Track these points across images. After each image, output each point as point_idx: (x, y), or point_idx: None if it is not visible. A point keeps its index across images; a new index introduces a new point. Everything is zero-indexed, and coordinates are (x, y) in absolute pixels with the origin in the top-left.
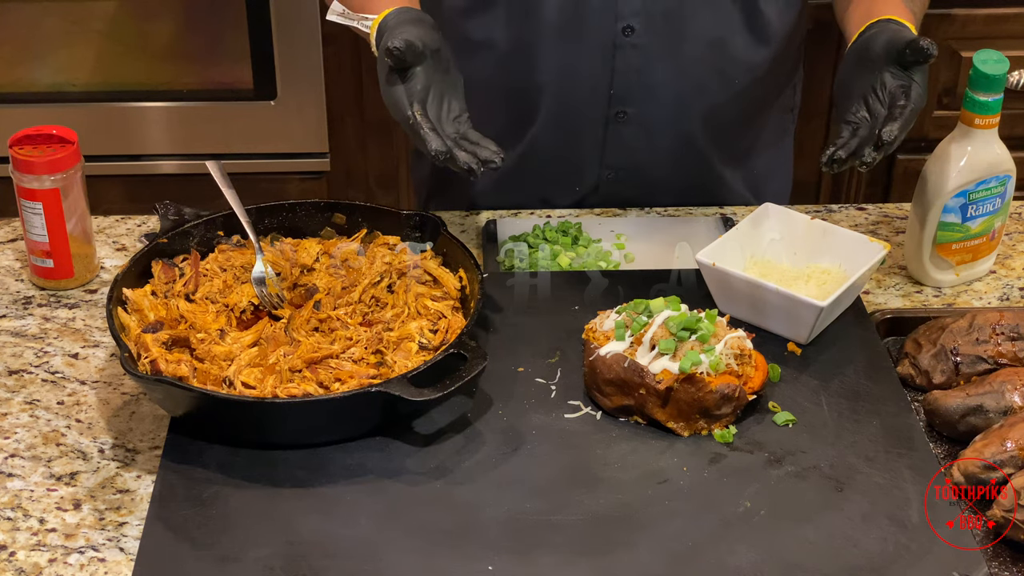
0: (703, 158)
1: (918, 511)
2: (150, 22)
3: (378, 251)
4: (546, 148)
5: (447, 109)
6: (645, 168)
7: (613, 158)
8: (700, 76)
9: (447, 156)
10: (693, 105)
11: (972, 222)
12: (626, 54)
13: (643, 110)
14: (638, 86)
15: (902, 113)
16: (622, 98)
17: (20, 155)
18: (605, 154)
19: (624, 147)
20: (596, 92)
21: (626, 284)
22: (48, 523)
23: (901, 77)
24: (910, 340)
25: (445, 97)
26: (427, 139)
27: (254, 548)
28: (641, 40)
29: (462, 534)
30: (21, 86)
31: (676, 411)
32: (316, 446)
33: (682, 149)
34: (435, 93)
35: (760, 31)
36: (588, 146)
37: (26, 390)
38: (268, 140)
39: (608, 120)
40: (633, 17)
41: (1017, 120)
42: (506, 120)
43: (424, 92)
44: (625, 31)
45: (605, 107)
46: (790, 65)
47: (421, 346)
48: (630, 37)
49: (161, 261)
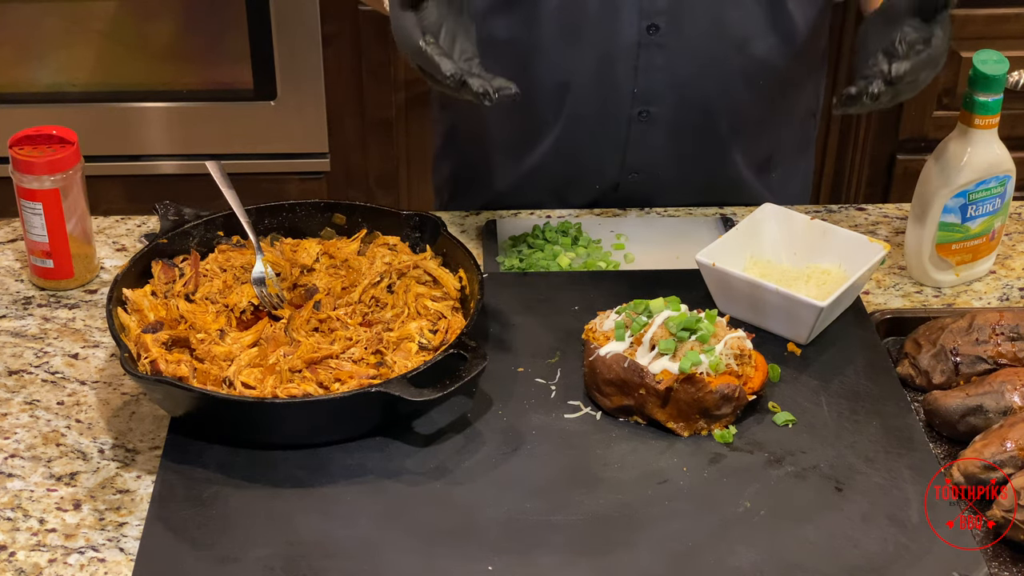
0: (726, 159)
1: (918, 511)
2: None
3: (378, 251)
4: (568, 147)
5: (459, 49)
6: (666, 168)
7: (635, 157)
8: (724, 76)
9: (460, 82)
10: (716, 105)
11: (972, 222)
12: (650, 53)
13: (666, 110)
14: (662, 85)
15: (917, 55)
16: (645, 97)
17: (20, 155)
18: (627, 153)
19: (646, 147)
20: (619, 91)
21: (626, 284)
22: (48, 523)
23: (922, 29)
24: (910, 340)
25: (457, 37)
26: (440, 63)
27: (254, 548)
28: (665, 39)
29: (462, 534)
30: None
31: (676, 411)
32: (316, 446)
33: (705, 149)
34: (447, 30)
35: (785, 31)
36: (610, 145)
37: (26, 390)
38: (268, 140)
39: (631, 119)
40: (658, 16)
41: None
42: (529, 119)
43: (436, 27)
44: (650, 30)
45: (628, 106)
46: (814, 67)
47: (421, 346)
48: (655, 36)
49: (161, 261)
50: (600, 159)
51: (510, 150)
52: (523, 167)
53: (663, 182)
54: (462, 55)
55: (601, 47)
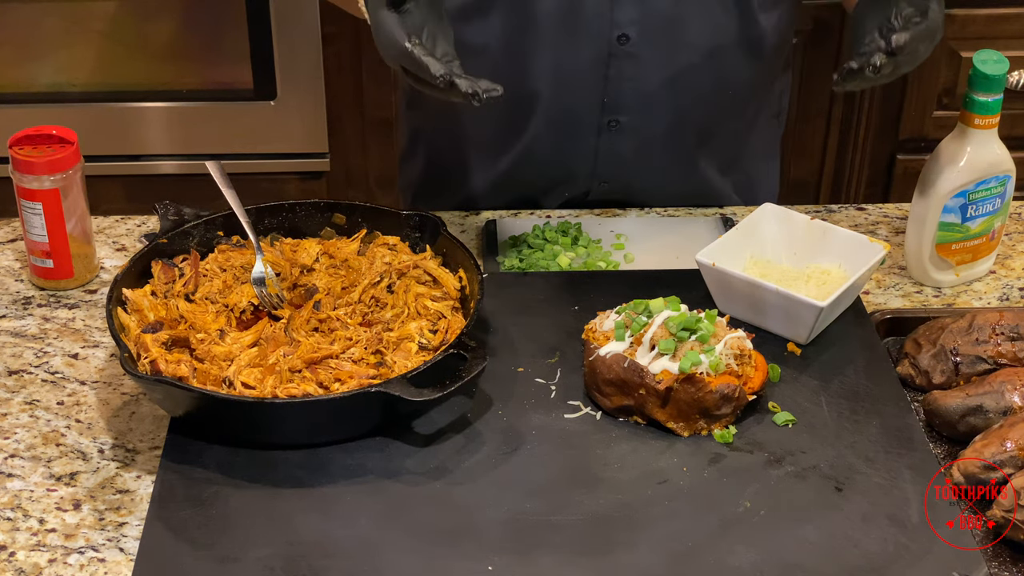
0: (695, 166)
1: (918, 511)
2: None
3: (378, 251)
4: (539, 154)
5: (440, 51)
6: (636, 176)
7: (605, 166)
8: (694, 86)
9: (449, 82)
10: (686, 114)
11: (972, 222)
12: (620, 63)
13: (635, 119)
14: (631, 95)
15: (916, 26)
16: (615, 107)
17: (20, 155)
18: (597, 162)
19: (616, 155)
20: (589, 100)
21: (626, 284)
22: (48, 523)
23: (917, 3)
24: (910, 340)
25: (438, 40)
26: (428, 64)
27: (254, 548)
28: (636, 49)
29: (462, 534)
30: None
31: (676, 411)
32: (316, 446)
33: (674, 158)
34: (428, 32)
35: (754, 40)
36: (580, 153)
37: (26, 390)
38: (268, 140)
39: (600, 128)
40: (629, 26)
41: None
42: (500, 125)
43: (419, 28)
44: (620, 39)
45: (598, 115)
46: (780, 72)
47: (421, 346)
48: (625, 46)
49: (161, 261)
50: (569, 167)
51: (479, 154)
52: (492, 172)
53: (633, 190)
54: (444, 57)
55: (571, 56)
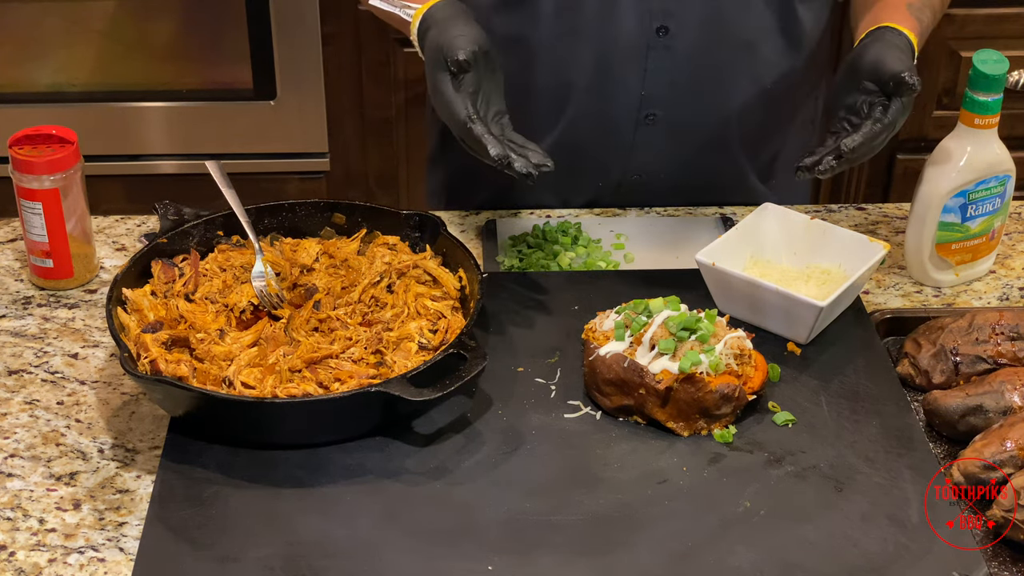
0: (730, 163)
1: (918, 511)
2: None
3: (378, 251)
4: (574, 147)
5: (493, 111)
6: (669, 170)
7: (639, 159)
8: (732, 80)
9: (507, 162)
10: (723, 109)
11: (972, 222)
12: (659, 55)
13: (672, 113)
14: (669, 88)
15: (871, 127)
16: (652, 100)
17: (20, 155)
18: (632, 155)
19: (651, 149)
20: (627, 93)
21: (626, 284)
22: (48, 523)
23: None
24: (910, 340)
25: (491, 98)
26: (488, 145)
27: (254, 548)
28: (674, 42)
29: (462, 534)
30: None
31: (676, 411)
32: (316, 446)
33: (709, 153)
34: (483, 92)
35: (793, 35)
36: (615, 147)
37: (26, 390)
38: (268, 140)
39: (637, 122)
40: (668, 18)
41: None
42: (534, 118)
43: (475, 95)
44: (659, 32)
45: (635, 109)
46: (818, 73)
47: (421, 346)
48: (663, 38)
49: (161, 261)
50: (604, 160)
51: None
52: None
53: (665, 183)
54: (495, 117)
55: (609, 48)
